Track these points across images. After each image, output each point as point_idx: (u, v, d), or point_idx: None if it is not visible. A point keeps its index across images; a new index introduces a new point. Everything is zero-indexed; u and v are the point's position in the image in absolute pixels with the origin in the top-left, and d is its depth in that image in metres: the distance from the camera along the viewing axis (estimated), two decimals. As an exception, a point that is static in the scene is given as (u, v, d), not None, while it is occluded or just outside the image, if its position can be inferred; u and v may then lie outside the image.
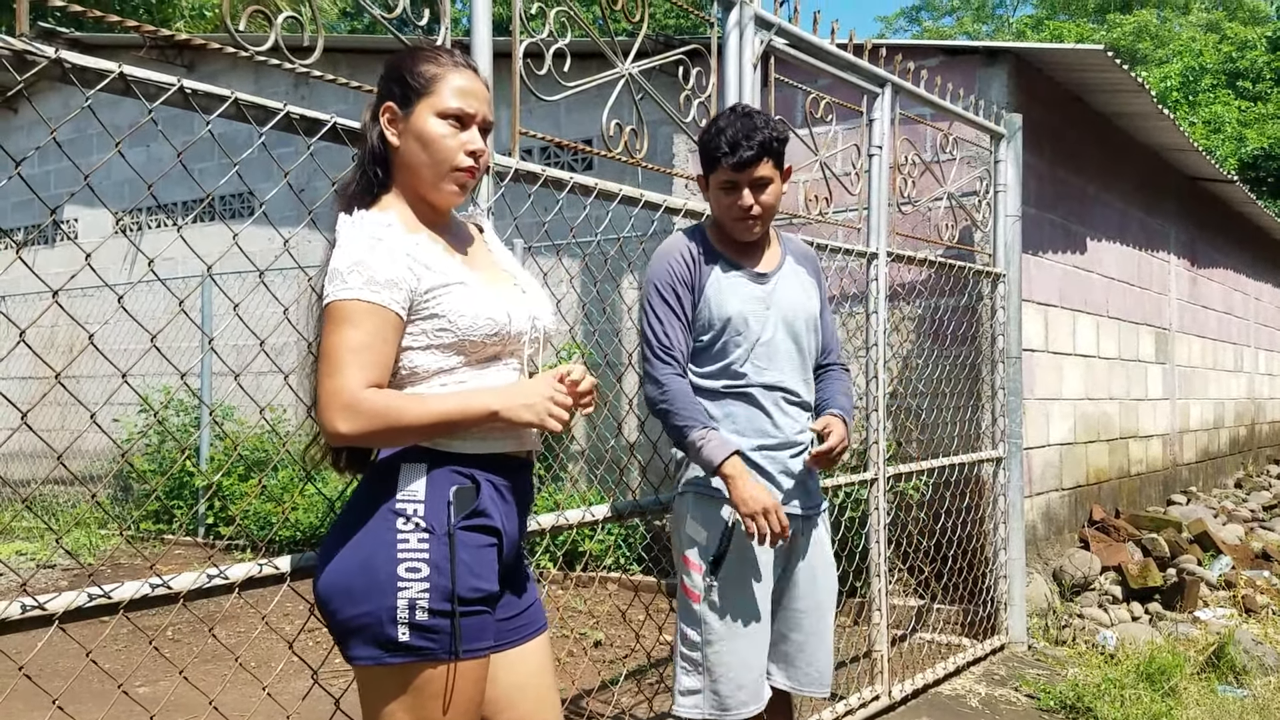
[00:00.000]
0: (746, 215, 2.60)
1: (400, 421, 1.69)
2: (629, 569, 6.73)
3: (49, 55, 1.73)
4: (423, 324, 1.76)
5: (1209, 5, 34.57)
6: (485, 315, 1.79)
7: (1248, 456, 11.53)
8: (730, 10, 3.37)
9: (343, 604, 1.73)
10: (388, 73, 1.87)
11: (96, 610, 1.82)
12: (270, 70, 8.66)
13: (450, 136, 1.81)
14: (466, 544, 1.75)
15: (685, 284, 2.63)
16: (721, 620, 2.60)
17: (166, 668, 4.87)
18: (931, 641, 5.37)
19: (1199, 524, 7.22)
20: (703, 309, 2.64)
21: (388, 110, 1.83)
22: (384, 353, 1.71)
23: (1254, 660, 4.86)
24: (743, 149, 2.54)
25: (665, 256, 2.67)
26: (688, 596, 2.65)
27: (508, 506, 1.85)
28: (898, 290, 5.88)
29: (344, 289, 1.69)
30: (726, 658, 2.60)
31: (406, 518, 1.74)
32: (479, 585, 1.76)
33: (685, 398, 2.59)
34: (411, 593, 1.70)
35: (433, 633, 1.71)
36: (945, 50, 6.21)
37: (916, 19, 41.88)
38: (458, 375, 1.80)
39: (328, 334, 1.70)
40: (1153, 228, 8.64)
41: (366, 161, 1.85)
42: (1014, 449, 5.33)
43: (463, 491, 1.77)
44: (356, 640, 1.73)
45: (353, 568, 1.73)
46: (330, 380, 1.67)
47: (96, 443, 9.00)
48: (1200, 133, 18.23)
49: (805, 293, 2.76)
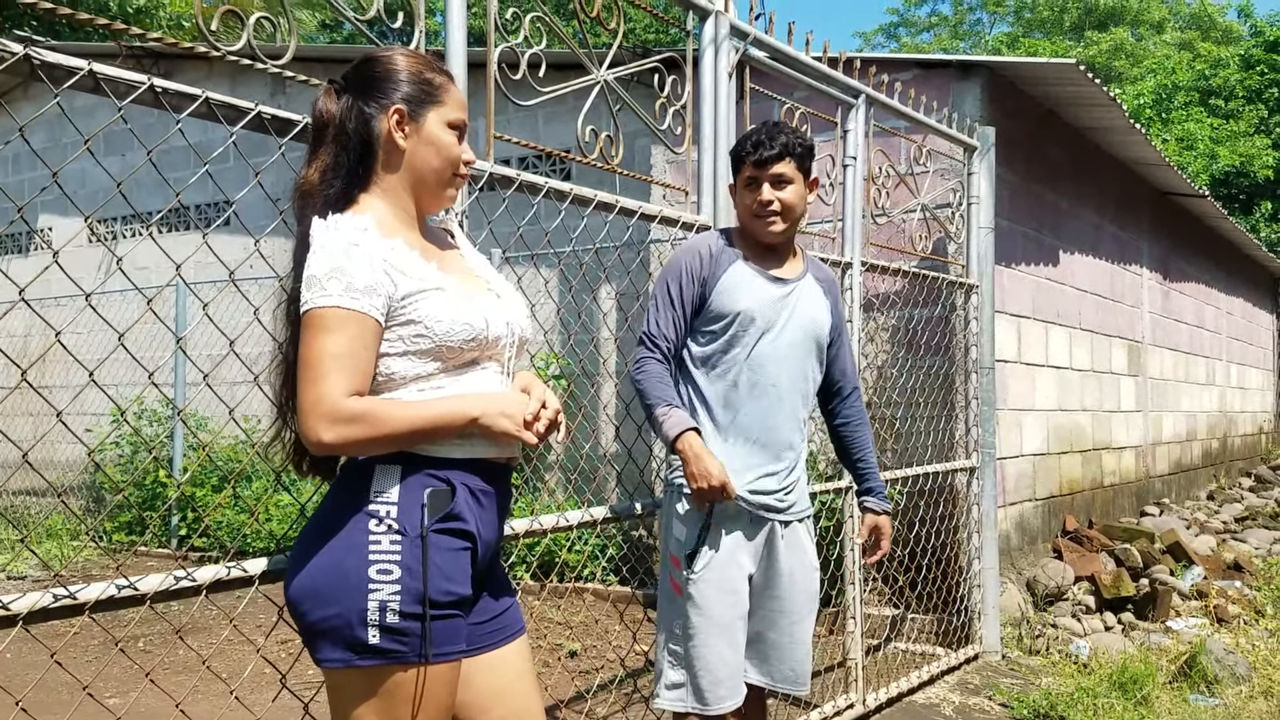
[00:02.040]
0: (766, 210, 2.71)
1: (383, 429, 1.69)
2: (605, 580, 6.71)
3: (16, 50, 1.72)
4: (400, 330, 1.75)
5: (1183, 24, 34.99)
6: (462, 321, 1.78)
7: (1220, 469, 11.64)
8: (706, 20, 3.39)
9: (313, 606, 1.72)
10: (386, 73, 1.83)
11: (62, 611, 1.79)
12: (247, 78, 8.65)
13: (455, 146, 1.87)
14: (439, 547, 1.74)
15: (694, 277, 2.74)
16: (700, 615, 2.66)
17: (137, 678, 4.82)
18: (906, 651, 5.38)
19: (1171, 535, 7.27)
20: (714, 301, 2.73)
21: (397, 112, 1.81)
22: (365, 360, 1.70)
23: (1226, 669, 4.89)
24: (764, 147, 2.70)
25: (684, 250, 2.81)
26: (673, 590, 2.72)
27: (484, 511, 1.83)
28: (872, 300, 5.91)
29: (323, 296, 1.68)
30: (705, 652, 2.66)
31: (379, 519, 1.73)
32: (451, 589, 1.75)
33: (656, 378, 2.71)
34: (382, 595, 1.69)
35: (403, 635, 1.70)
36: (920, 64, 6.27)
37: (894, 35, 42.17)
38: (435, 381, 1.79)
39: (308, 341, 1.68)
40: (1125, 241, 8.72)
41: (351, 157, 1.80)
42: (988, 459, 5.36)
43: (437, 494, 1.76)
44: (326, 642, 1.71)
45: (323, 569, 1.71)
46: (312, 388, 1.66)
47: (69, 453, 8.91)
48: (1173, 149, 18.42)
49: (821, 311, 2.86)
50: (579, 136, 2.99)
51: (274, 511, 7.37)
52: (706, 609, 2.66)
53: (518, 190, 2.77)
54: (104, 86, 1.87)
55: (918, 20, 41.96)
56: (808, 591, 2.85)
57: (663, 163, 6.83)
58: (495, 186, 2.72)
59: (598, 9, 3.05)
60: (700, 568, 2.67)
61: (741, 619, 2.72)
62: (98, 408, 8.65)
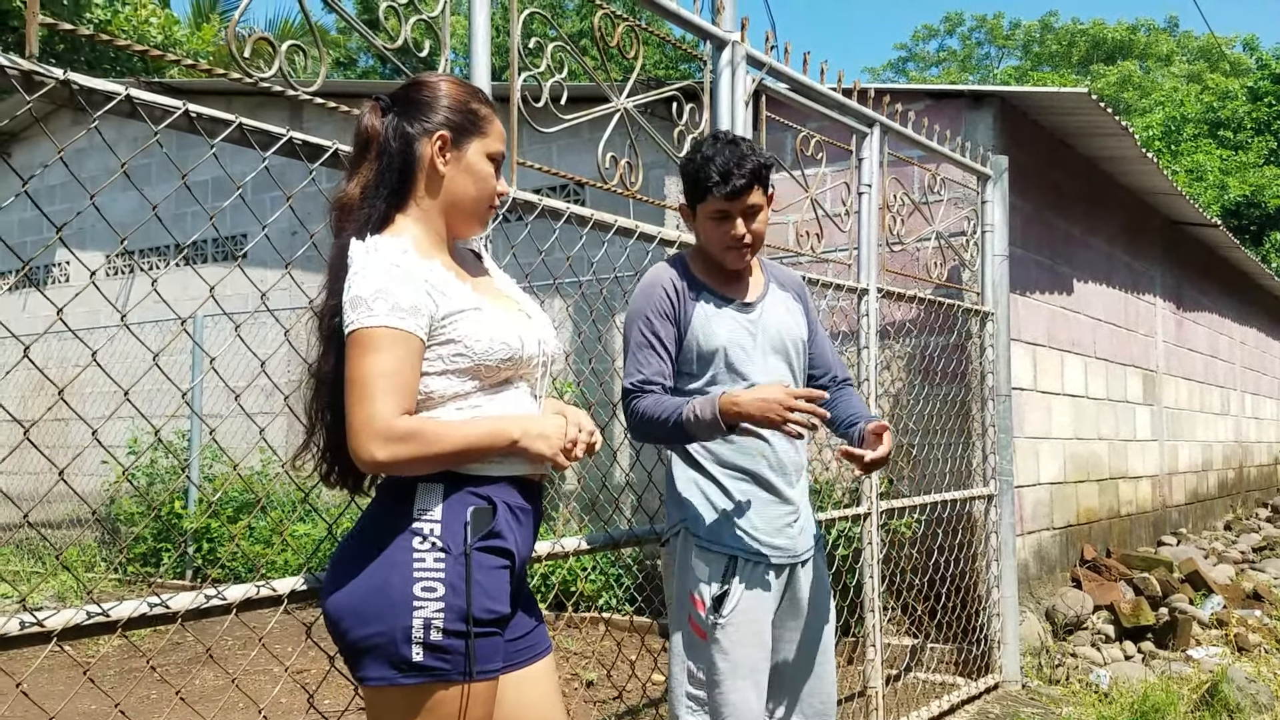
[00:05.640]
0: (739, 244, 2.57)
1: (433, 449, 1.71)
2: (621, 609, 6.69)
3: (57, 76, 1.76)
4: (439, 349, 1.77)
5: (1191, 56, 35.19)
6: (500, 340, 1.81)
7: (1236, 499, 11.56)
8: (722, 49, 3.44)
9: (354, 623, 1.72)
10: (433, 98, 1.85)
11: (95, 628, 1.81)
12: (265, 113, 8.76)
13: (493, 177, 1.90)
14: (481, 565, 1.76)
15: (666, 316, 2.58)
16: (727, 660, 2.54)
17: (155, 709, 4.81)
18: (925, 680, 5.34)
19: (1190, 564, 7.22)
20: (690, 342, 2.59)
21: (441, 139, 1.83)
22: (411, 379, 1.72)
23: (1247, 698, 4.85)
24: (735, 177, 2.49)
25: (647, 291, 2.62)
26: (695, 634, 2.59)
27: (521, 528, 1.85)
28: (888, 328, 5.92)
29: (369, 316, 1.69)
30: (732, 696, 2.54)
31: (423, 537, 1.74)
32: (493, 607, 1.76)
33: (655, 405, 2.51)
34: (427, 612, 1.70)
35: (446, 653, 1.70)
36: (932, 94, 6.32)
37: (903, 70, 42.51)
38: (472, 400, 1.81)
39: (356, 361, 1.69)
40: (1138, 270, 8.73)
41: (394, 177, 1.82)
42: (1005, 486, 5.34)
43: (479, 512, 1.78)
44: (369, 660, 1.71)
45: (366, 587, 1.72)
46: (363, 408, 1.67)
47: (85, 485, 8.94)
48: (1183, 181, 18.46)
49: (792, 317, 2.73)
50: (599, 163, 3.03)
51: (290, 541, 7.37)
52: (734, 654, 2.54)
53: (539, 217, 2.80)
54: (140, 111, 1.91)
55: (926, 55, 42.29)
56: (827, 619, 2.78)
57: (676, 193, 6.86)
58: (519, 212, 2.75)
59: (618, 38, 3.10)
60: (729, 610, 2.54)
61: (766, 661, 2.62)
62: (113, 440, 8.68)
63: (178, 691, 2.10)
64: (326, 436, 1.87)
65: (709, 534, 2.58)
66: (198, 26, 16.11)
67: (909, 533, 5.56)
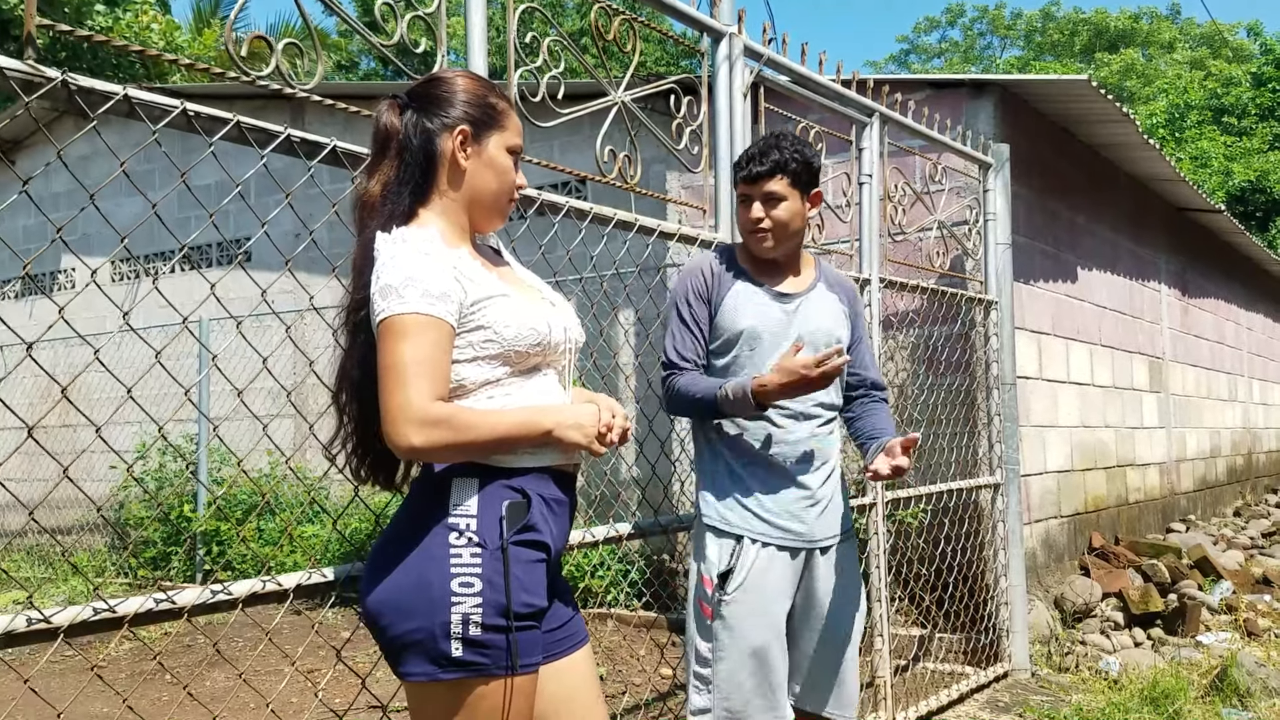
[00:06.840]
0: (756, 228, 2.68)
1: (467, 436, 1.71)
2: (630, 605, 6.70)
3: (54, 76, 1.77)
4: (469, 336, 1.78)
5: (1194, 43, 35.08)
6: (529, 325, 1.81)
7: (1245, 486, 11.54)
8: (720, 41, 3.44)
9: (395, 619, 1.73)
10: (451, 93, 1.87)
11: (101, 625, 1.82)
12: (271, 114, 8.77)
13: (512, 170, 1.92)
14: (518, 559, 1.76)
15: (701, 297, 2.72)
16: (730, 636, 2.58)
17: (164, 711, 4.83)
18: (934, 670, 5.34)
19: (1199, 550, 7.21)
20: (719, 321, 2.71)
21: (462, 133, 1.85)
22: (444, 364, 1.72)
23: (1258, 682, 4.84)
24: (755, 164, 2.65)
25: (686, 272, 2.79)
26: (704, 613, 2.65)
27: (556, 519, 1.86)
28: (891, 319, 5.92)
29: (400, 303, 1.69)
30: (735, 674, 2.58)
31: (460, 533, 1.74)
32: (530, 600, 1.76)
33: (691, 384, 2.65)
34: (465, 607, 1.70)
35: (485, 648, 1.71)
36: (932, 84, 6.31)
37: (905, 63, 42.45)
38: (504, 387, 1.82)
39: (389, 348, 1.69)
40: (1143, 257, 8.71)
41: (415, 172, 1.83)
42: (1011, 475, 5.34)
43: (515, 506, 1.78)
44: (409, 656, 1.72)
45: (404, 582, 1.73)
46: (398, 394, 1.67)
47: (94, 491, 8.98)
48: (1187, 168, 18.42)
49: (834, 319, 2.79)
50: (598, 156, 3.03)
51: (299, 542, 7.40)
52: (738, 630, 2.58)
53: (539, 213, 2.80)
54: (138, 111, 1.92)
55: (928, 47, 42.22)
56: (853, 615, 2.77)
57: (677, 187, 6.88)
58: (520, 208, 2.75)
59: (614, 32, 3.10)
60: (733, 588, 2.60)
61: (779, 640, 2.62)
62: (124, 444, 8.72)
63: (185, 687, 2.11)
64: (356, 430, 1.87)
65: (719, 516, 2.67)
66: (199, 32, 16.16)
67: (915, 523, 5.56)
